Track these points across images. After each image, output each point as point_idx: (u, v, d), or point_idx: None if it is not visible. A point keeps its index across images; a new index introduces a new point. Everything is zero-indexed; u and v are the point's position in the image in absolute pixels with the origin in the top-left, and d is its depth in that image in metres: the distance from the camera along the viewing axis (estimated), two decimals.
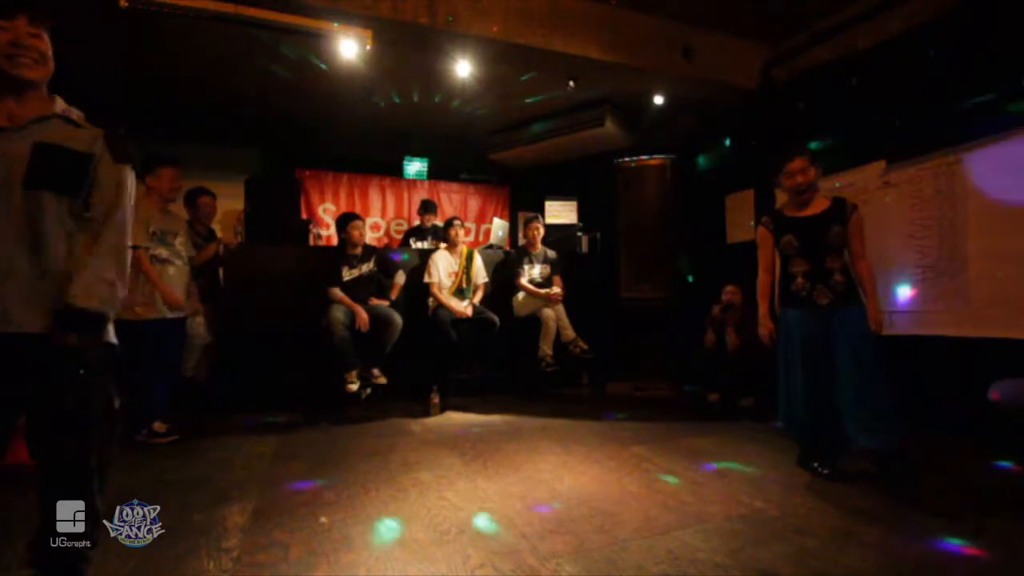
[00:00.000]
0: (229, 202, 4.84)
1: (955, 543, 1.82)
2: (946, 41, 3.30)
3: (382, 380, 3.63)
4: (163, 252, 3.09)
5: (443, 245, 4.32)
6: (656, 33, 4.10)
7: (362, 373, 3.57)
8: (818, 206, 2.48)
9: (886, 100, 3.65)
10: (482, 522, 1.97)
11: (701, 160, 5.57)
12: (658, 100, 4.73)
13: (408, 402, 3.86)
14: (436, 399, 3.74)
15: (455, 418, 3.60)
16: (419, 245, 4.98)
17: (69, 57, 1.49)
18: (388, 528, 1.93)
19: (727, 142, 5.28)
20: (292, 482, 2.38)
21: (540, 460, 2.68)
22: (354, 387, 3.49)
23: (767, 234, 2.62)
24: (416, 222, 6.06)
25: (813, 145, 4.22)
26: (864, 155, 3.75)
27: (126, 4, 2.98)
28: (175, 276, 3.12)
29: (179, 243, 3.18)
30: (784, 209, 2.61)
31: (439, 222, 5.47)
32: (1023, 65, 2.94)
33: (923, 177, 3.39)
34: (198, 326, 3.55)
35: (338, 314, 3.52)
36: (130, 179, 1.41)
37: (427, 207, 5.45)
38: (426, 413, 3.66)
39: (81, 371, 1.27)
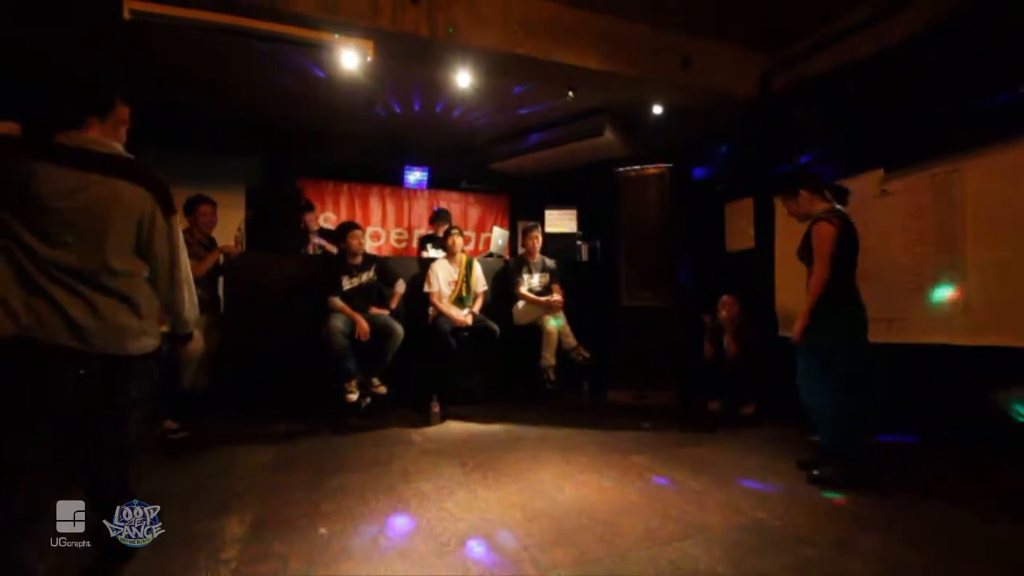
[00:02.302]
0: (231, 211, 4.86)
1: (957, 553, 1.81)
2: (944, 49, 3.32)
3: (382, 390, 3.62)
4: None
5: (442, 254, 4.33)
6: (655, 43, 4.14)
7: (362, 382, 3.56)
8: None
9: (884, 108, 3.67)
10: (482, 533, 1.96)
11: (701, 168, 5.59)
12: (657, 109, 4.75)
13: (408, 411, 3.84)
14: (436, 408, 3.73)
15: (455, 427, 3.59)
16: (437, 252, 4.91)
17: (72, 68, 1.52)
18: (388, 539, 1.92)
19: (726, 150, 5.31)
20: (291, 492, 2.37)
21: (541, 470, 2.67)
22: (354, 397, 3.48)
23: None
24: (422, 230, 6.05)
25: (812, 153, 4.26)
26: (862, 163, 3.76)
27: (130, 16, 3.01)
28: None
29: None
30: None
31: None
32: (1022, 73, 2.96)
33: (921, 186, 3.40)
34: (195, 338, 3.52)
35: (338, 323, 3.52)
36: None
37: (440, 216, 5.43)
38: (426, 422, 3.64)
39: None
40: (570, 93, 4.46)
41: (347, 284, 3.75)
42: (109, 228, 1.39)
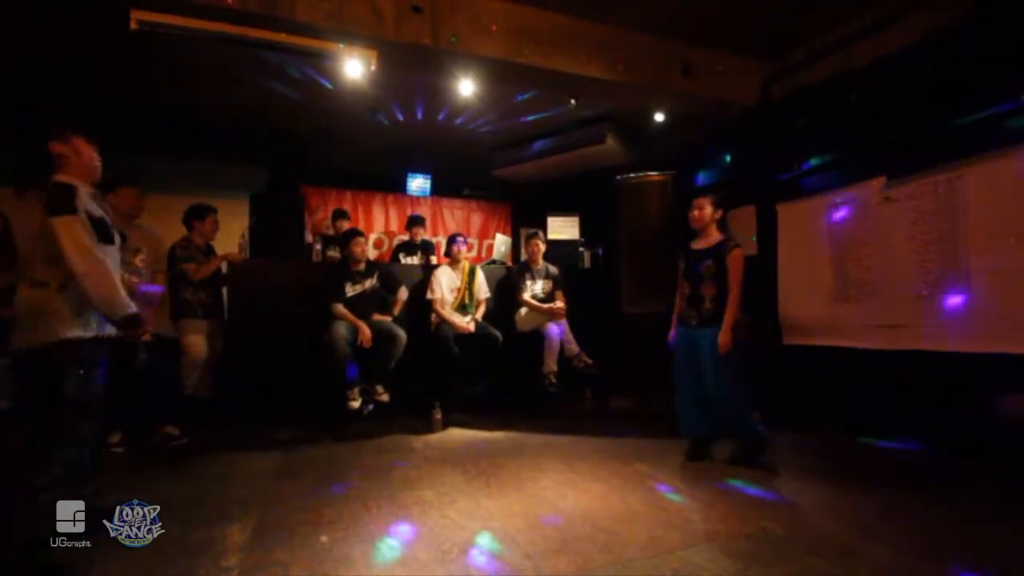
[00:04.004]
0: (235, 218, 4.88)
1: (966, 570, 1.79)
2: (946, 56, 3.33)
3: (385, 397, 3.61)
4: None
5: (431, 259, 4.33)
6: (656, 51, 4.16)
7: (365, 389, 3.55)
8: (709, 241, 3.01)
9: (886, 115, 3.67)
10: (485, 541, 1.95)
11: (702, 175, 5.60)
12: (659, 117, 4.77)
13: (410, 418, 3.84)
14: (438, 415, 3.72)
15: (457, 434, 3.58)
16: (409, 260, 4.99)
17: (76, 75, 1.54)
18: (389, 547, 1.91)
19: (728, 158, 5.32)
20: (293, 499, 2.37)
21: (543, 477, 2.65)
22: (356, 404, 3.48)
23: (679, 259, 3.16)
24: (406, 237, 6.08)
25: (814, 160, 4.26)
26: (864, 170, 3.76)
27: (136, 27, 3.04)
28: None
29: (139, 260, 3.23)
30: (691, 241, 3.14)
31: (428, 237, 5.46)
32: (1023, 80, 2.97)
33: (924, 192, 3.40)
34: (196, 344, 3.52)
35: (341, 330, 3.52)
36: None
37: (415, 221, 5.43)
38: (428, 429, 3.64)
39: None
40: (572, 101, 4.49)
41: (350, 291, 3.76)
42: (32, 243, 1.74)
